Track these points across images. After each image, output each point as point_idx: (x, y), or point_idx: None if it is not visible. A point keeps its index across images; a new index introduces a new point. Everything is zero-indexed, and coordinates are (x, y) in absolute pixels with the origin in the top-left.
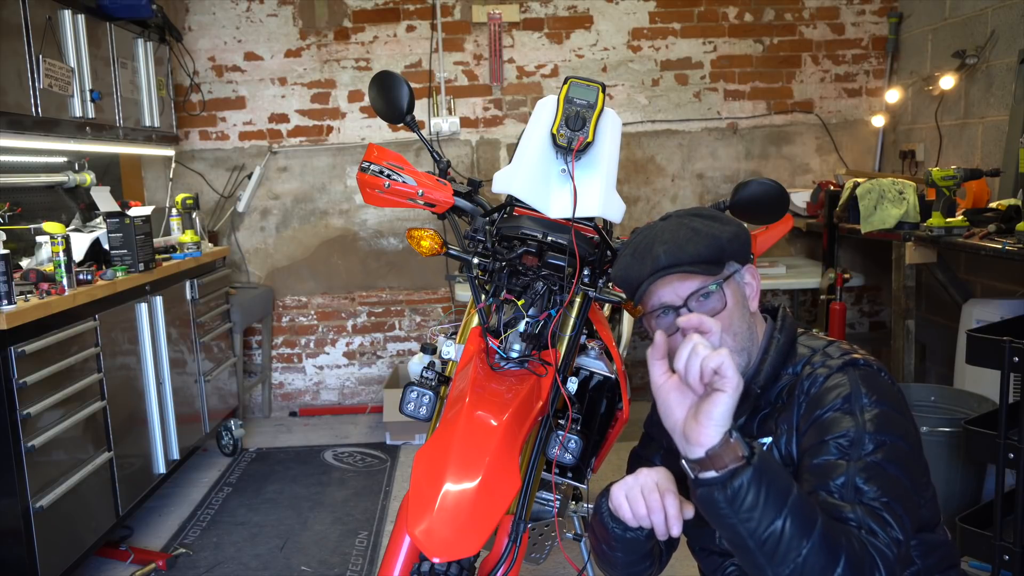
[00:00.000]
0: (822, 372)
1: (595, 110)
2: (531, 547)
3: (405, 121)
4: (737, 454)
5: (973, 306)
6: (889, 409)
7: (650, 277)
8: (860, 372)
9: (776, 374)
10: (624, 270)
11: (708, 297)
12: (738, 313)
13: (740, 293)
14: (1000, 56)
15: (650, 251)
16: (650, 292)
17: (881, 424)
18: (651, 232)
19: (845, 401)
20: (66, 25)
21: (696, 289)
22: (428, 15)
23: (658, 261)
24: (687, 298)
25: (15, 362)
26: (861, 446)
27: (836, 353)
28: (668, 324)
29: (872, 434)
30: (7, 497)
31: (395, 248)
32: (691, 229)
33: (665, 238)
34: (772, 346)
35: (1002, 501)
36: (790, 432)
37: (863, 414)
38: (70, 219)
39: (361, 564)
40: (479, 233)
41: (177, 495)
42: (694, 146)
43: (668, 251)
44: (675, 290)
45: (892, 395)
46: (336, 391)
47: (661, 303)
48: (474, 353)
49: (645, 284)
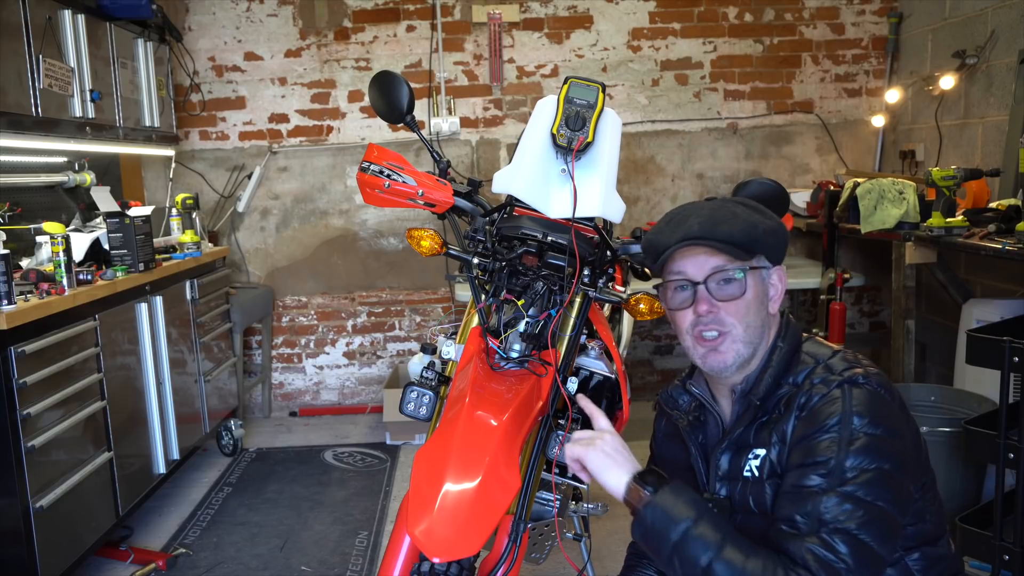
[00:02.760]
0: (820, 389)
1: (595, 110)
2: (531, 547)
3: (405, 121)
4: (640, 496)
5: (973, 306)
6: (882, 433)
7: (677, 243)
8: (858, 392)
9: (777, 383)
10: (655, 234)
11: (729, 282)
12: (755, 306)
13: (762, 289)
14: (1000, 56)
15: (685, 221)
16: (673, 259)
17: (866, 450)
18: (690, 207)
19: (836, 423)
20: (66, 25)
21: (719, 268)
22: (428, 15)
23: (690, 230)
24: (708, 276)
25: (15, 362)
26: (839, 474)
27: (838, 367)
28: (683, 299)
29: (853, 461)
30: (7, 497)
31: (395, 248)
32: (730, 211)
33: (704, 213)
34: (775, 355)
35: (1002, 501)
36: (782, 444)
37: (849, 441)
38: (70, 219)
39: (361, 564)
40: (479, 233)
41: (177, 495)
42: (694, 146)
43: (703, 224)
44: (699, 264)
45: (888, 416)
46: (336, 391)
47: (682, 272)
48: (474, 353)
49: (672, 248)
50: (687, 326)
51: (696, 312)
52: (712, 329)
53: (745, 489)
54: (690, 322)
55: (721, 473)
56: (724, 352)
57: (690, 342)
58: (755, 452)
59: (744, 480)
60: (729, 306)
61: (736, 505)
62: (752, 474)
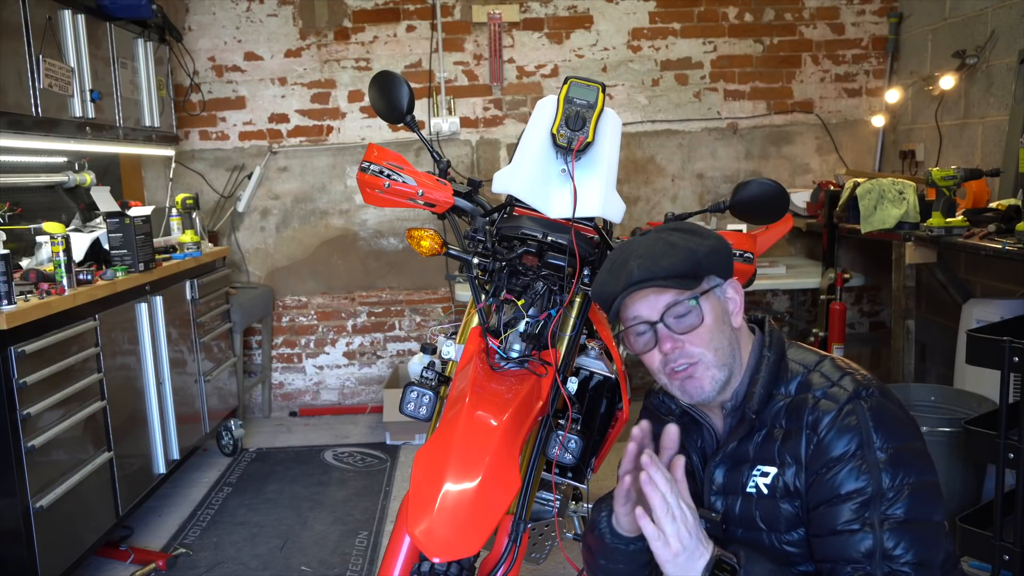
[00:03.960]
0: (828, 408)
1: (595, 110)
2: (531, 547)
3: (405, 121)
4: None
5: (973, 306)
6: (903, 441)
7: (624, 292)
8: (868, 406)
9: (769, 394)
10: (600, 286)
11: (685, 315)
12: (718, 329)
13: (721, 308)
14: (1000, 56)
15: (624, 266)
16: (625, 306)
17: (897, 464)
18: (627, 247)
19: (858, 448)
20: (66, 25)
21: (671, 303)
22: (428, 15)
23: (631, 275)
24: (663, 313)
25: (15, 362)
26: (881, 502)
27: (835, 375)
28: (646, 342)
29: (891, 482)
30: (7, 497)
31: (395, 248)
32: (667, 243)
33: (640, 252)
34: (763, 365)
35: (1002, 501)
36: (798, 467)
37: (879, 464)
38: (70, 219)
39: (361, 564)
40: (479, 233)
41: (177, 495)
42: (694, 146)
43: (641, 265)
44: (650, 304)
45: (901, 422)
46: (336, 391)
47: (637, 316)
48: (474, 353)
49: (619, 299)
50: (657, 366)
51: (662, 351)
52: (682, 363)
53: (749, 505)
54: (659, 361)
55: (715, 487)
56: (700, 378)
57: (665, 380)
58: (760, 468)
59: (747, 496)
60: (692, 337)
61: (736, 519)
62: (759, 490)
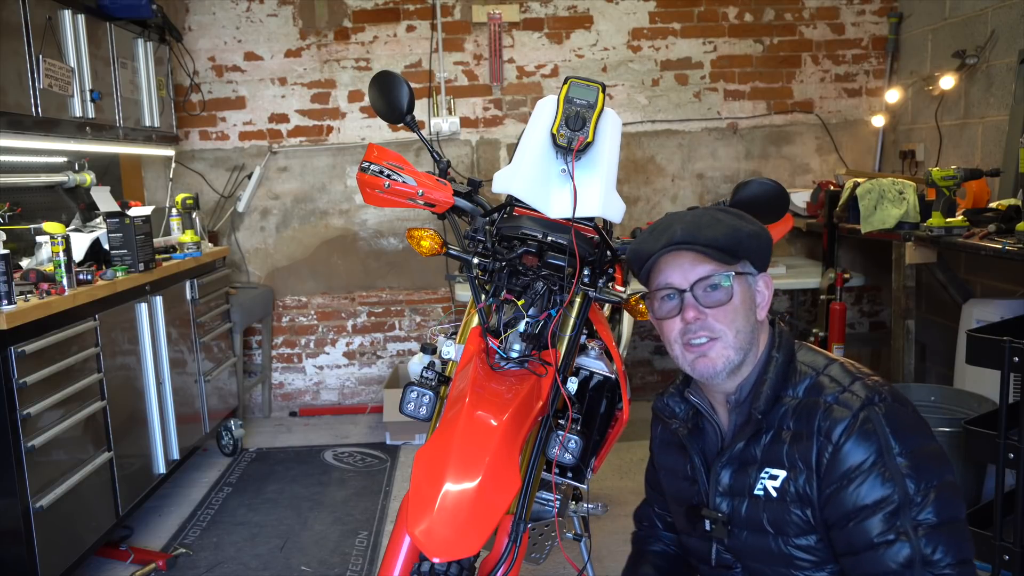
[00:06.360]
0: (842, 414)
1: (595, 110)
2: (531, 547)
3: (405, 121)
4: None
5: (973, 306)
6: (921, 444)
7: (662, 249)
8: (882, 411)
9: (777, 396)
10: (639, 244)
11: (716, 288)
12: (743, 311)
13: (749, 295)
14: (1000, 56)
15: (668, 228)
16: (658, 269)
17: (919, 469)
18: (674, 215)
19: (879, 456)
20: (66, 25)
21: (705, 275)
22: (428, 15)
23: (673, 236)
24: (694, 283)
25: (15, 362)
26: (910, 508)
27: (845, 380)
28: (670, 308)
29: (916, 487)
30: (7, 497)
31: (395, 248)
32: (713, 217)
33: (686, 219)
34: (771, 366)
35: (1002, 501)
36: (810, 473)
37: (901, 471)
38: (70, 219)
39: (361, 564)
40: (479, 233)
41: (177, 495)
42: (694, 146)
43: (685, 229)
44: (684, 272)
45: (916, 425)
46: (336, 391)
47: (667, 282)
48: (474, 353)
49: (656, 255)
50: (675, 335)
51: (684, 320)
52: (701, 336)
53: (756, 507)
54: (679, 330)
55: (722, 488)
56: (713, 358)
57: (679, 350)
58: (769, 471)
59: (754, 498)
60: (717, 312)
61: (742, 521)
62: (767, 493)
